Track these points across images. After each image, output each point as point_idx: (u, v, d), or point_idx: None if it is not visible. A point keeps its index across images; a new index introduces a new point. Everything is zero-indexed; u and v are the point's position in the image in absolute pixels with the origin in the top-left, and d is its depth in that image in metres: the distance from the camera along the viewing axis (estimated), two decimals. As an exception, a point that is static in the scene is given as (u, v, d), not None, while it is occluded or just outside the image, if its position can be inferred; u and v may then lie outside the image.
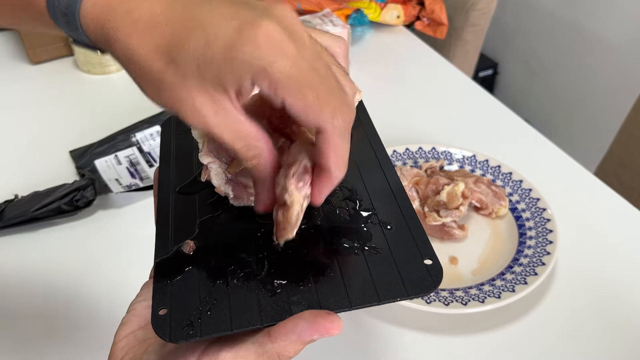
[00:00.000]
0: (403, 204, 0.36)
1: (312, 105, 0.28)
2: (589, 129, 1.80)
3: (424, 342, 0.53)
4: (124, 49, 0.28)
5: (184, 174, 0.40)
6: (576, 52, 1.78)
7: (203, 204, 0.37)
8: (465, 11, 1.21)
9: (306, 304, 0.30)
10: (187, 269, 0.32)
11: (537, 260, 0.57)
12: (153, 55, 0.28)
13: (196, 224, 0.35)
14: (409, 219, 0.35)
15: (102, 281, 0.60)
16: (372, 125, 0.43)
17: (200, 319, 0.29)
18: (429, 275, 0.31)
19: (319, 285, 0.31)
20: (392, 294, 0.30)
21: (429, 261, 0.31)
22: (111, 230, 0.66)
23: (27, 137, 0.81)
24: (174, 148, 0.42)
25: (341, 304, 0.30)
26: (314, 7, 1.00)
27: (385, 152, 0.40)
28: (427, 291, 0.30)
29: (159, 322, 0.29)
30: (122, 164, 0.74)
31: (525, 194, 0.66)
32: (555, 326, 0.55)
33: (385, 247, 0.33)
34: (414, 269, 0.31)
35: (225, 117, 0.29)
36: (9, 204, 0.66)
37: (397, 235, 0.34)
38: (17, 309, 0.57)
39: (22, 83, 0.94)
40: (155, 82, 0.28)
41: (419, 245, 0.33)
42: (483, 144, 0.78)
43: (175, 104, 0.28)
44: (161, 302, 0.30)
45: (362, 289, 0.30)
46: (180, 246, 0.34)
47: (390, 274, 0.31)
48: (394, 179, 0.38)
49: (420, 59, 1.00)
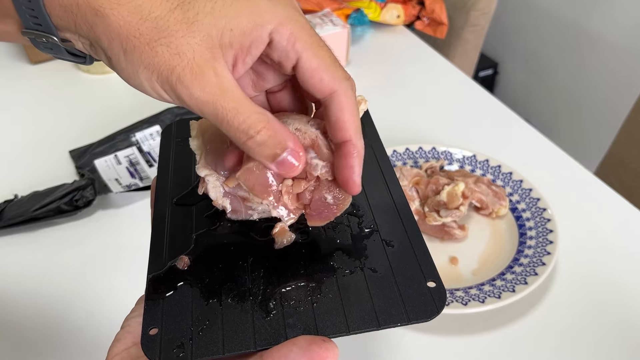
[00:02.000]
0: (407, 222, 0.34)
1: (329, 65, 0.27)
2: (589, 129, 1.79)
3: (424, 342, 0.53)
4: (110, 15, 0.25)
5: (181, 185, 0.38)
6: (576, 52, 1.78)
7: (200, 216, 0.36)
8: (465, 11, 1.21)
9: (302, 327, 0.29)
10: (180, 285, 0.31)
11: (538, 260, 0.57)
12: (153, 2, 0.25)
13: (192, 238, 0.34)
14: (413, 238, 0.33)
15: (102, 281, 0.60)
16: (379, 137, 0.41)
17: (191, 340, 0.28)
18: (432, 300, 0.29)
19: (316, 307, 0.30)
20: (392, 318, 0.29)
21: (433, 284, 0.30)
22: (111, 230, 0.66)
23: (27, 137, 0.81)
24: (172, 157, 0.41)
25: (338, 328, 0.28)
26: (314, 7, 1.00)
27: (391, 167, 0.39)
28: (429, 316, 0.29)
29: (148, 343, 0.28)
30: (122, 163, 0.74)
31: (526, 194, 0.66)
32: (555, 326, 0.55)
33: (387, 267, 0.32)
34: (416, 292, 0.30)
35: (228, 83, 0.26)
36: (8, 204, 0.66)
37: (400, 254, 0.32)
38: (17, 309, 0.57)
39: (22, 83, 0.94)
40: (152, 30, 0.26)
41: (422, 266, 0.31)
42: (483, 144, 0.78)
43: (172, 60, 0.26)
44: (152, 321, 0.29)
45: (361, 313, 0.29)
46: (174, 262, 0.32)
47: (391, 296, 0.30)
48: (398, 195, 0.36)
49: (420, 59, 1.00)
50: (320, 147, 0.31)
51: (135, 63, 0.26)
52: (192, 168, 0.40)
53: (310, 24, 0.28)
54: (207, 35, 0.26)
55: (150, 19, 0.25)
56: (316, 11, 0.98)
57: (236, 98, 0.26)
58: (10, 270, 0.61)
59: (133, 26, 0.25)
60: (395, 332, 0.54)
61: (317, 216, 0.32)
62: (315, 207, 0.32)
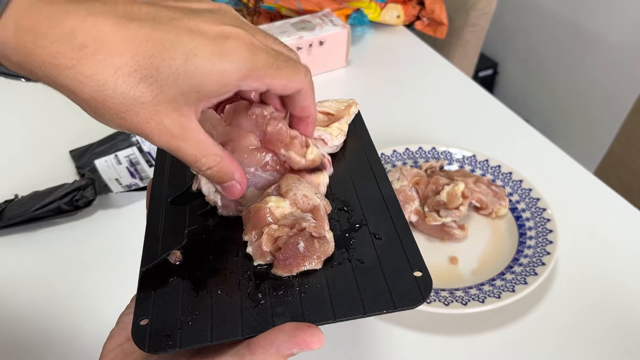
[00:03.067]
0: (395, 215, 0.35)
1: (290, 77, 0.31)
2: (589, 129, 1.80)
3: (424, 342, 0.53)
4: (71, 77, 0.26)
5: (177, 185, 0.40)
6: (576, 52, 1.78)
7: (193, 214, 0.37)
8: (465, 11, 1.21)
9: (289, 315, 0.29)
10: (172, 279, 0.32)
11: (537, 260, 0.57)
12: (115, 78, 0.26)
13: (184, 234, 0.35)
14: (401, 230, 0.34)
15: (102, 281, 0.60)
16: (368, 135, 0.43)
17: (180, 329, 0.29)
18: (418, 288, 0.30)
19: (304, 297, 0.30)
20: (378, 306, 0.29)
21: (419, 273, 0.31)
22: (111, 230, 0.66)
23: (27, 137, 0.82)
24: (169, 157, 0.42)
25: (325, 316, 0.29)
26: (314, 7, 1.00)
27: (380, 163, 0.40)
28: (414, 304, 0.29)
29: (139, 333, 0.29)
30: (122, 163, 0.74)
31: (525, 194, 0.66)
32: (555, 326, 0.55)
33: (374, 258, 0.32)
34: (403, 281, 0.31)
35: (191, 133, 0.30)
36: (9, 203, 0.66)
37: (388, 246, 0.33)
38: (17, 308, 0.57)
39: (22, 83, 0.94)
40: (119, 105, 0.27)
41: (409, 256, 0.32)
42: (483, 144, 0.78)
43: (141, 125, 0.28)
44: (143, 312, 0.30)
45: (348, 301, 0.30)
46: (166, 256, 0.33)
47: (378, 285, 0.30)
48: (387, 190, 0.37)
49: (420, 59, 1.00)
50: (319, 212, 0.34)
51: (107, 121, 0.28)
52: (187, 168, 0.41)
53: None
54: (174, 101, 0.28)
55: (115, 95, 0.27)
56: (316, 11, 0.98)
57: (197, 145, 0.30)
58: (10, 270, 0.61)
59: (100, 102, 0.27)
60: (396, 332, 0.54)
61: (282, 262, 0.32)
62: (285, 251, 0.32)
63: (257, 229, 0.33)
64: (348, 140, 0.43)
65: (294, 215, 0.34)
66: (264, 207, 0.34)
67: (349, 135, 0.44)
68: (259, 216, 0.34)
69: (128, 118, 0.28)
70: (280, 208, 0.34)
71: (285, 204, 0.34)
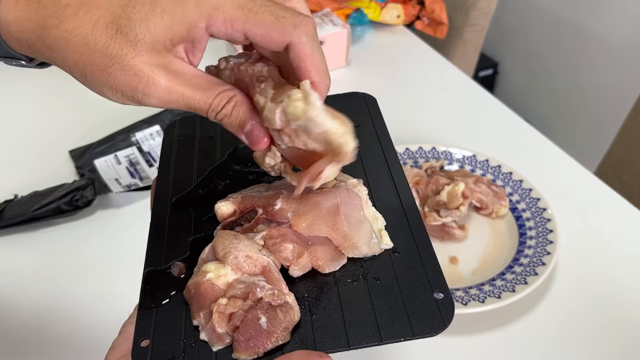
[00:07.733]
0: (415, 228, 0.32)
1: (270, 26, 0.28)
2: (589, 129, 1.79)
3: (424, 342, 0.53)
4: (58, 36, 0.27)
5: (182, 184, 0.38)
6: (576, 52, 1.78)
7: (199, 220, 0.35)
8: (465, 11, 1.21)
9: (299, 340, 0.27)
10: (174, 293, 0.30)
11: (538, 260, 0.57)
12: (94, 31, 0.27)
13: (188, 242, 0.33)
14: (421, 245, 0.31)
15: (102, 281, 0.60)
16: (390, 140, 0.39)
17: (183, 352, 0.27)
18: (439, 312, 0.28)
19: (315, 319, 0.28)
20: (396, 333, 0.27)
21: (440, 295, 0.29)
22: (111, 230, 0.66)
23: (27, 137, 0.81)
24: (174, 155, 0.40)
25: (337, 342, 0.27)
26: (314, 7, 1.00)
27: (402, 171, 0.37)
28: (435, 331, 0.27)
29: (140, 355, 0.27)
30: (122, 163, 0.74)
31: (526, 194, 0.66)
32: (555, 326, 0.55)
33: (391, 275, 0.30)
34: (422, 304, 0.28)
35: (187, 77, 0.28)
36: (8, 203, 0.66)
37: (407, 262, 0.30)
38: (17, 308, 0.57)
39: (22, 83, 0.94)
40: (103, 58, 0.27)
41: (430, 275, 0.30)
42: (483, 144, 0.78)
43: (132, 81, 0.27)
44: (144, 332, 0.28)
45: (363, 326, 0.27)
46: (169, 268, 0.31)
47: (396, 307, 0.28)
48: (408, 200, 0.34)
49: (420, 59, 1.00)
50: (272, 273, 0.30)
51: (98, 84, 0.28)
52: (193, 167, 0.39)
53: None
54: (154, 49, 0.27)
55: (97, 49, 0.27)
56: (316, 11, 0.98)
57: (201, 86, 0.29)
58: (10, 270, 0.61)
59: (86, 57, 0.27)
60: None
61: (244, 343, 0.27)
62: (245, 330, 0.27)
63: (205, 309, 0.29)
64: (366, 145, 0.39)
65: (243, 281, 0.29)
66: (202, 280, 0.29)
67: (367, 139, 0.40)
68: (201, 292, 0.29)
69: (118, 75, 0.27)
70: (223, 277, 0.29)
71: (226, 271, 0.29)
